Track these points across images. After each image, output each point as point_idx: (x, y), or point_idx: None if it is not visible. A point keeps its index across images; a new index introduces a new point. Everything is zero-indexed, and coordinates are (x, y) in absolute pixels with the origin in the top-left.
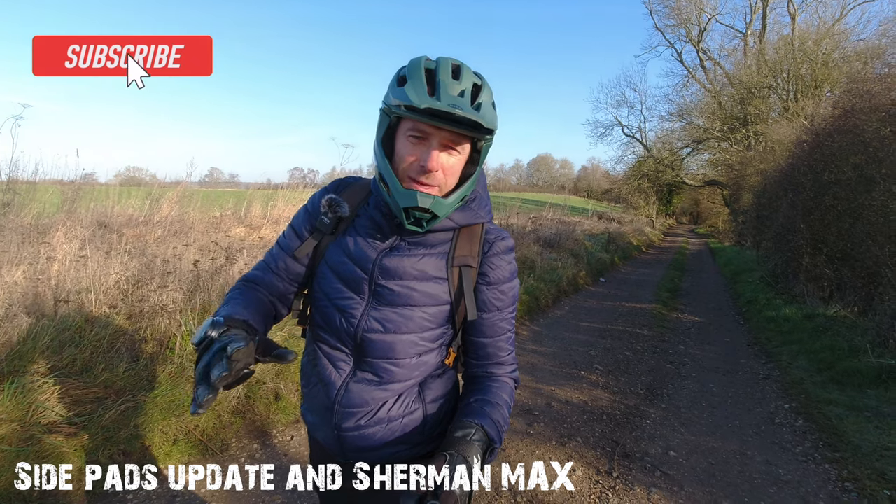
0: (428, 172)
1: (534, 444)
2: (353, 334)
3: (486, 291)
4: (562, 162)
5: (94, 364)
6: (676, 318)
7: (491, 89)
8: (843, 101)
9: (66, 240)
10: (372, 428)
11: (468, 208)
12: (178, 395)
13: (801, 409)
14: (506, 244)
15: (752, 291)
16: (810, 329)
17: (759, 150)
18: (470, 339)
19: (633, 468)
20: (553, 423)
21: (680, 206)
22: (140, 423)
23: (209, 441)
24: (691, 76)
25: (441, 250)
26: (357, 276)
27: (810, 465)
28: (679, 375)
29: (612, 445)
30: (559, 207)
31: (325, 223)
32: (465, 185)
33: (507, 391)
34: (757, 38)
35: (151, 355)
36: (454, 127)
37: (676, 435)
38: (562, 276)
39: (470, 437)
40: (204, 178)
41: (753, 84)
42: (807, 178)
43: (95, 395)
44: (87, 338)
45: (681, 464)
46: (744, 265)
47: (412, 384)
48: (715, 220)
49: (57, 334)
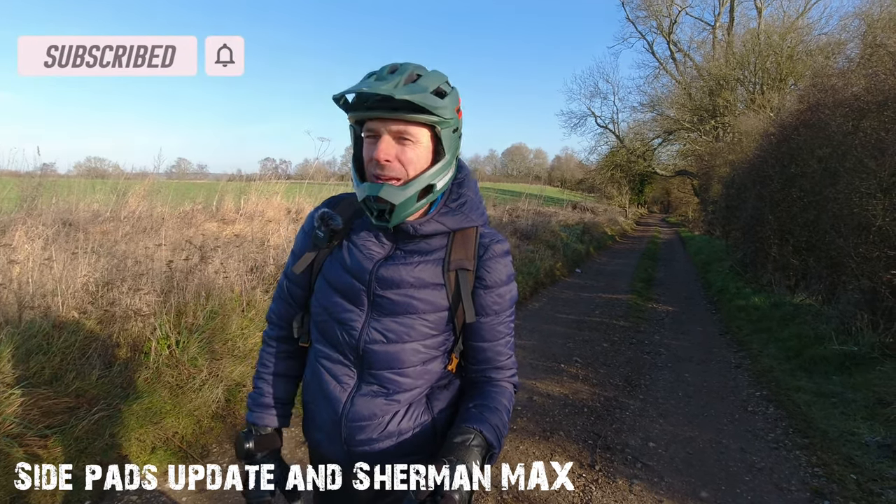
0: (381, 165)
1: (517, 440)
2: (355, 347)
3: (484, 295)
4: (536, 152)
5: (65, 372)
6: (651, 308)
7: (438, 78)
8: (808, 95)
9: (27, 239)
10: (383, 442)
11: (459, 212)
12: (155, 402)
13: (772, 396)
14: (502, 247)
15: (723, 281)
16: (778, 317)
17: (727, 141)
18: (469, 344)
19: (614, 460)
20: (536, 417)
21: (651, 196)
22: (115, 432)
23: (189, 448)
24: (662, 68)
25: (437, 256)
26: (355, 288)
27: (782, 452)
28: (655, 366)
29: (593, 438)
30: (535, 198)
31: (320, 237)
32: (428, 172)
33: (507, 396)
34: (725, 31)
35: (125, 361)
36: (391, 114)
37: (655, 426)
38: (539, 267)
39: (469, 443)
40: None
41: (722, 76)
42: (774, 171)
43: (67, 405)
44: (55, 345)
45: (660, 454)
46: (714, 255)
47: (419, 394)
48: (685, 210)
49: (23, 342)
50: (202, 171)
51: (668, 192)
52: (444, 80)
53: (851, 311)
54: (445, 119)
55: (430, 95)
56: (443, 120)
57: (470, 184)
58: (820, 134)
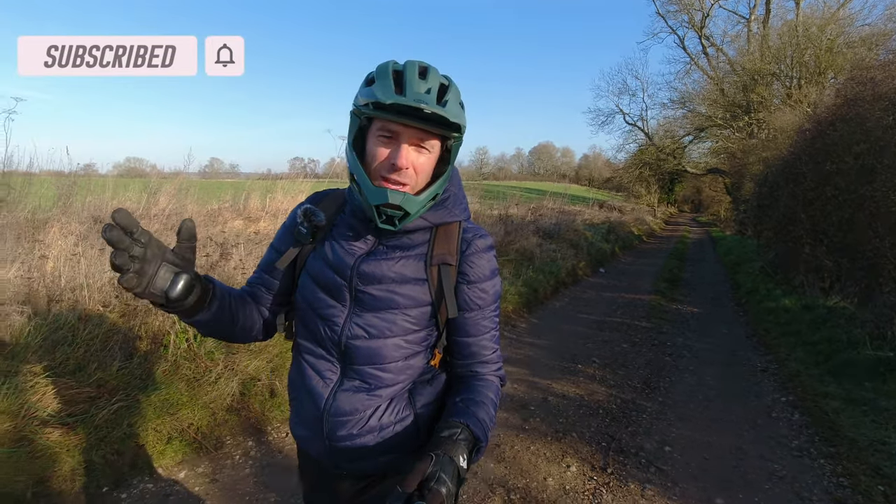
0: (398, 170)
1: (529, 440)
2: (337, 342)
3: (467, 290)
4: (563, 150)
5: (88, 363)
6: (675, 310)
7: (458, 91)
8: (845, 89)
9: (60, 236)
10: (364, 437)
11: (442, 207)
12: (172, 394)
13: (798, 402)
14: (485, 242)
15: (752, 282)
16: (809, 320)
17: (761, 138)
18: (454, 339)
19: (627, 464)
20: (549, 417)
21: (682, 195)
22: (133, 421)
23: (203, 439)
24: (694, 63)
25: (419, 252)
26: (337, 283)
27: (805, 460)
28: (677, 368)
29: (607, 440)
30: (560, 197)
31: (303, 233)
32: (437, 183)
33: (493, 389)
34: (761, 24)
35: (145, 353)
36: (421, 124)
37: (672, 429)
38: (561, 267)
39: (456, 437)
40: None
41: (756, 71)
42: (808, 168)
43: (88, 395)
44: (80, 336)
45: (676, 459)
46: (745, 255)
47: (401, 389)
48: (717, 209)
49: (50, 333)
50: (234, 170)
51: (700, 191)
52: (457, 89)
53: (888, 314)
54: (463, 133)
55: (463, 113)
56: (462, 135)
57: (453, 179)
58: (857, 129)
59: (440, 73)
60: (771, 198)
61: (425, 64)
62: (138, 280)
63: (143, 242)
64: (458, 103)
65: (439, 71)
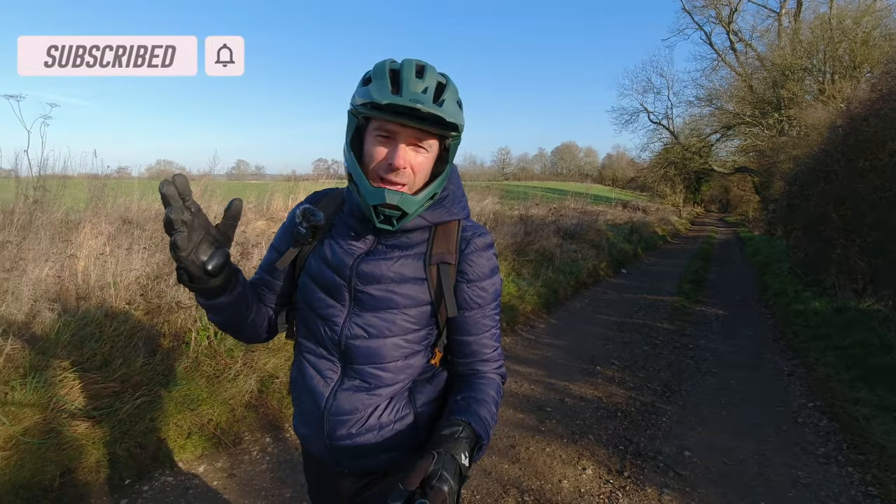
0: (396, 170)
1: (544, 441)
2: (337, 342)
3: (467, 289)
4: (586, 150)
5: (113, 359)
6: (699, 311)
7: (456, 89)
8: (881, 83)
9: (91, 236)
10: (364, 435)
11: (441, 206)
12: (193, 390)
13: (826, 408)
14: (484, 240)
15: (781, 283)
16: (840, 324)
17: (792, 135)
18: (454, 338)
19: (645, 468)
20: (565, 419)
21: (709, 194)
22: (155, 416)
23: (222, 434)
24: (721, 59)
25: (418, 251)
26: (336, 283)
27: (832, 468)
28: (699, 371)
29: (624, 444)
30: (582, 197)
31: (302, 234)
32: (435, 182)
33: (494, 387)
34: (792, 18)
35: (168, 350)
36: (418, 124)
37: (692, 434)
38: (581, 267)
39: (457, 435)
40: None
41: (787, 66)
42: (840, 166)
43: (113, 390)
44: (106, 333)
45: (695, 464)
46: (773, 256)
47: (401, 388)
48: (745, 209)
49: (78, 329)
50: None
51: (728, 191)
52: (455, 88)
53: None
54: (461, 133)
55: (461, 112)
56: (460, 134)
57: (452, 177)
58: (892, 125)
59: (438, 72)
60: (801, 197)
61: (422, 62)
62: (186, 243)
63: (192, 211)
64: (456, 102)
65: (436, 69)
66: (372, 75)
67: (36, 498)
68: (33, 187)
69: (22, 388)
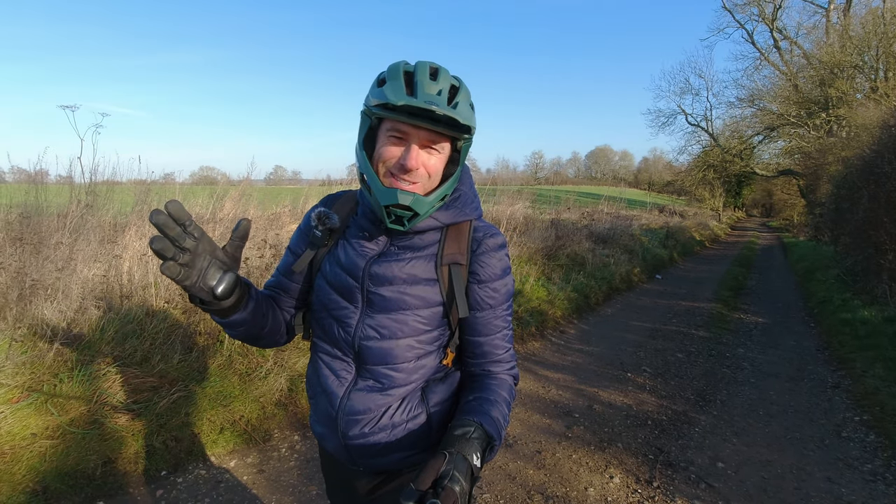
0: (408, 171)
1: (571, 448)
2: (351, 343)
3: (478, 290)
4: (621, 154)
5: (152, 355)
6: (737, 319)
7: (469, 92)
8: None
9: (135, 238)
10: (377, 435)
11: (452, 207)
12: (226, 387)
13: (874, 422)
14: (496, 241)
15: (827, 291)
16: (891, 334)
17: (841, 136)
18: (466, 339)
19: (675, 478)
20: (593, 426)
21: (750, 199)
22: (190, 411)
23: (253, 431)
24: (764, 58)
25: (429, 252)
26: (349, 285)
27: (879, 486)
28: (735, 381)
29: (654, 453)
30: (616, 201)
31: (317, 236)
32: (447, 183)
33: (507, 388)
34: (841, 13)
35: (203, 348)
36: (432, 125)
37: (727, 445)
38: (614, 272)
39: (469, 435)
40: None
41: (836, 64)
42: (892, 167)
43: (152, 384)
44: (147, 330)
45: (729, 476)
46: (819, 262)
47: (414, 388)
48: (790, 213)
49: (121, 326)
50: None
51: (771, 195)
52: (467, 91)
53: None
54: (473, 135)
55: (473, 114)
56: (472, 136)
57: (464, 178)
58: None
59: (451, 74)
60: (850, 200)
61: (436, 65)
62: (187, 272)
63: (195, 236)
64: (469, 104)
65: (450, 72)
66: (386, 76)
67: (80, 485)
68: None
69: (69, 381)
